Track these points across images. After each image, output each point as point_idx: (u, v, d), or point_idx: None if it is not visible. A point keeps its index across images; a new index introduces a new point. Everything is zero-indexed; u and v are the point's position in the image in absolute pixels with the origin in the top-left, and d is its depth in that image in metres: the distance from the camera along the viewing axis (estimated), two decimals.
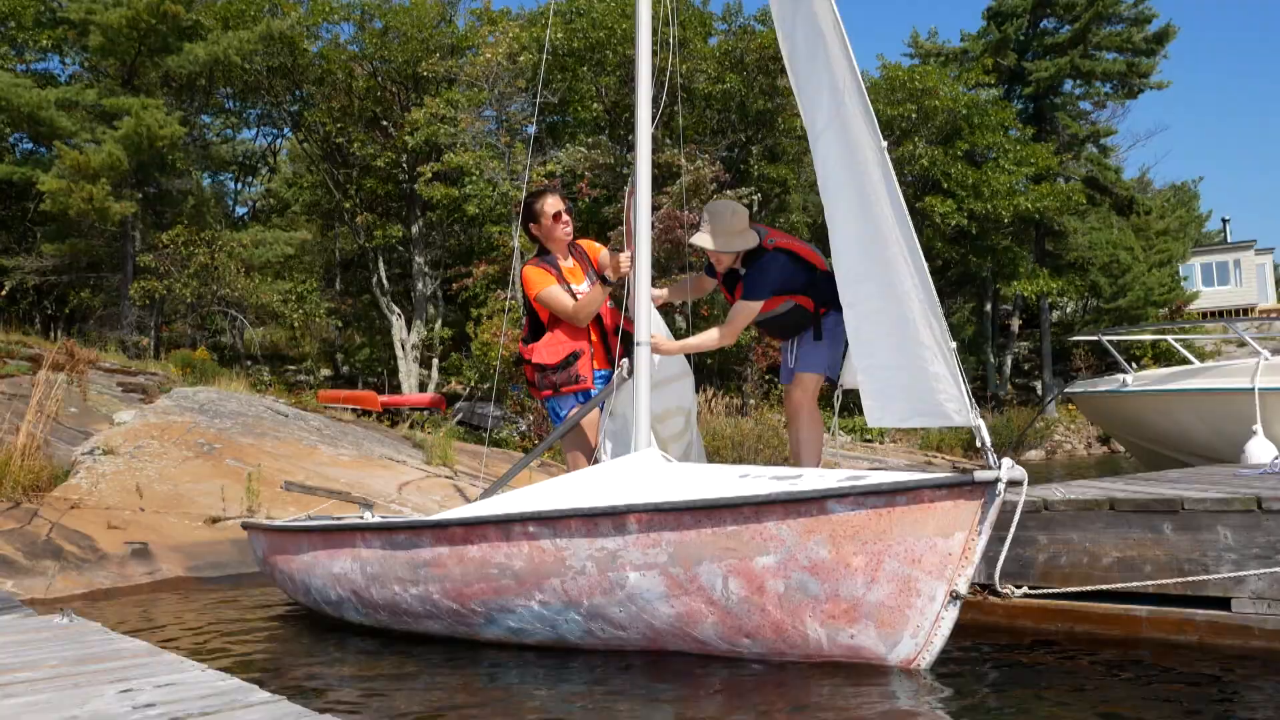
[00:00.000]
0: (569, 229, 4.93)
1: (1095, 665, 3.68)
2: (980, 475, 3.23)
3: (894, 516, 3.29)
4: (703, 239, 4.81)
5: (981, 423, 3.44)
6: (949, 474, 3.38)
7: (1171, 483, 5.17)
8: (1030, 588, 3.91)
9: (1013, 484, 3.27)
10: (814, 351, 4.88)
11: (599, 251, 4.99)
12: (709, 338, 4.87)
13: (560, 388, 4.77)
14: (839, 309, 4.26)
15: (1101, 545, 4.09)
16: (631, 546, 3.63)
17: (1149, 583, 3.87)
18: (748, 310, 4.77)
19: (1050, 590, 3.99)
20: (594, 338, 4.85)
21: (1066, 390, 12.42)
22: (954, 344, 3.53)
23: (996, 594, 3.63)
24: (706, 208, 4.88)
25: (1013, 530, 3.50)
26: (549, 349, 4.78)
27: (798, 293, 4.80)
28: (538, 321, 4.87)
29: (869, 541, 3.31)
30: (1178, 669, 3.59)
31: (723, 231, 4.77)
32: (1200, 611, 3.83)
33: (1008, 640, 4.06)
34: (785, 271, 4.77)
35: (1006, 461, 3.26)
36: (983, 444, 3.36)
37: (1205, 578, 3.79)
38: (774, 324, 4.95)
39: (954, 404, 3.54)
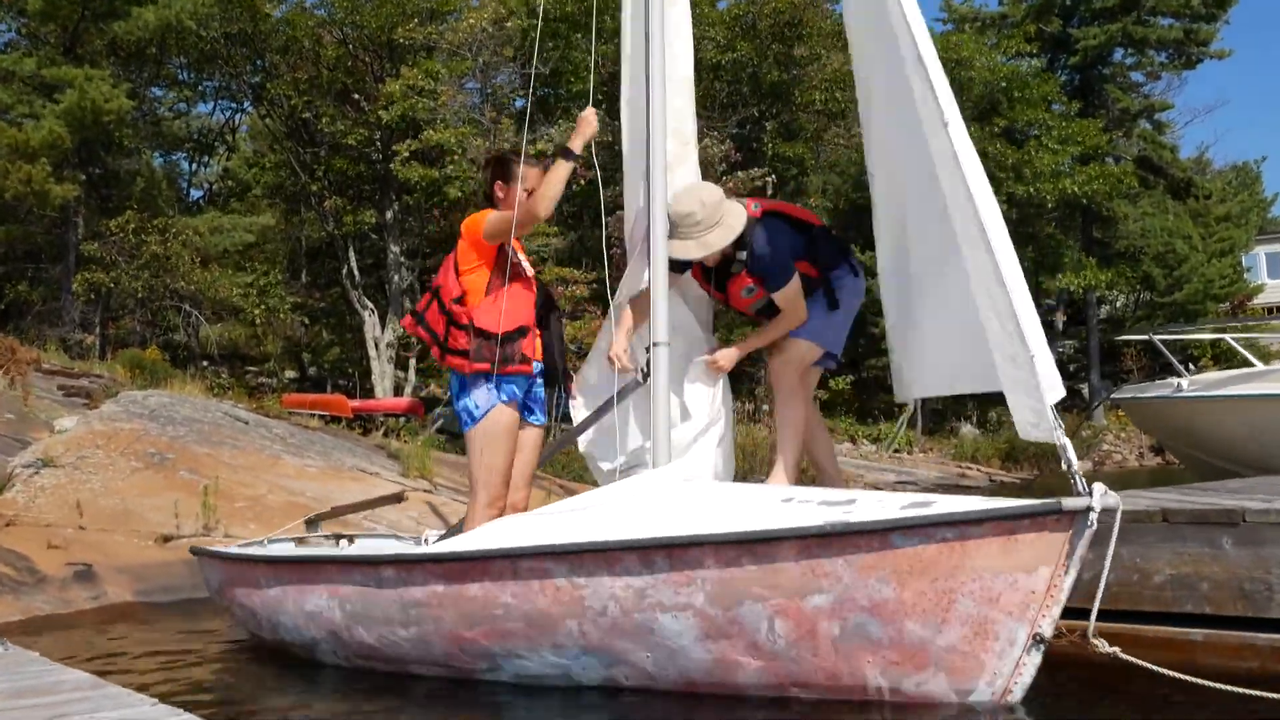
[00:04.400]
0: None
1: (1144, 693, 3.68)
2: (1069, 503, 3.15)
3: (968, 550, 3.21)
4: (683, 249, 4.49)
5: (1068, 441, 3.36)
6: (1033, 501, 3.25)
7: (1232, 493, 5.18)
8: (1073, 609, 3.90)
9: (1106, 513, 3.19)
10: (818, 319, 4.79)
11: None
12: (778, 326, 4.76)
13: (502, 365, 4.37)
14: (843, 267, 4.68)
15: (1153, 561, 4.10)
16: (662, 584, 3.53)
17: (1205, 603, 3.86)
18: (795, 290, 4.68)
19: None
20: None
21: (1114, 395, 12.32)
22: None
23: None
24: (669, 210, 4.52)
25: (1107, 567, 3.34)
26: (505, 315, 4.40)
27: (800, 258, 4.75)
28: (477, 279, 4.49)
29: (939, 579, 3.23)
30: (1235, 699, 3.59)
31: (701, 228, 4.49)
32: (1262, 635, 3.83)
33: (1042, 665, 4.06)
34: (787, 236, 4.74)
35: (1099, 487, 3.17)
36: (1068, 465, 3.31)
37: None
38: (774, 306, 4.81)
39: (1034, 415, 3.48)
